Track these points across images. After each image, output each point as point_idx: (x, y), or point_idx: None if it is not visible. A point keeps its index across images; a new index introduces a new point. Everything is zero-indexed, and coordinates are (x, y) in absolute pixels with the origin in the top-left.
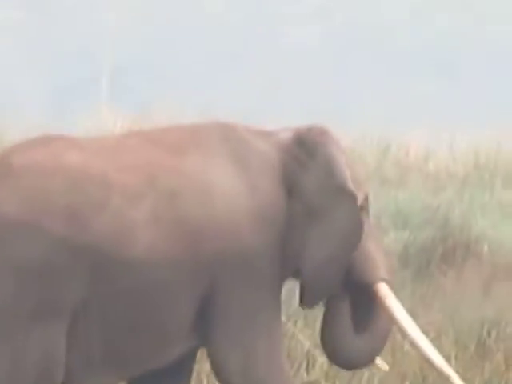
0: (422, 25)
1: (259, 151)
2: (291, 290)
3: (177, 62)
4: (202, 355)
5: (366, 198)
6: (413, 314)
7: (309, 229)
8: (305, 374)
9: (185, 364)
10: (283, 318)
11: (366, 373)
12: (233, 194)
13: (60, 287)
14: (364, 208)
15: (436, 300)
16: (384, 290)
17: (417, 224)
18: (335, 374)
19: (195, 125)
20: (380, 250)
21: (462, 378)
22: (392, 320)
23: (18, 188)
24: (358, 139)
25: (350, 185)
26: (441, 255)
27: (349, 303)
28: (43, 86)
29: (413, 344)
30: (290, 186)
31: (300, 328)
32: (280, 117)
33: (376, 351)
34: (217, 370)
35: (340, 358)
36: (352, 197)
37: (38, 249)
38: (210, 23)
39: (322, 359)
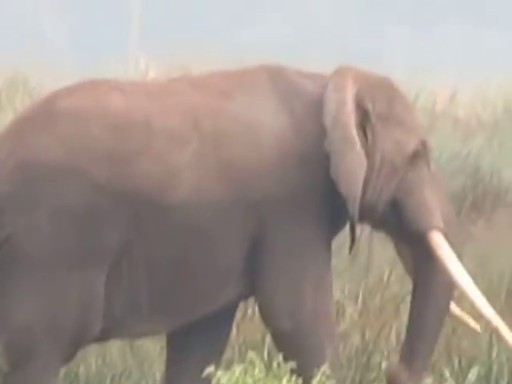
0: None
1: (307, 93)
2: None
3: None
4: None
5: (423, 144)
6: None
7: None
8: None
9: (226, 316)
10: None
11: (394, 323)
12: (280, 136)
13: (102, 233)
14: (419, 154)
15: (466, 248)
16: (437, 239)
17: (446, 172)
18: (364, 323)
19: (242, 69)
20: (438, 198)
21: None
22: (445, 270)
23: (60, 134)
24: None
25: None
26: (471, 203)
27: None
28: (71, 33)
29: (464, 295)
30: None
31: None
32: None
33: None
34: (264, 311)
35: None
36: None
37: (80, 195)
38: None
39: (351, 309)
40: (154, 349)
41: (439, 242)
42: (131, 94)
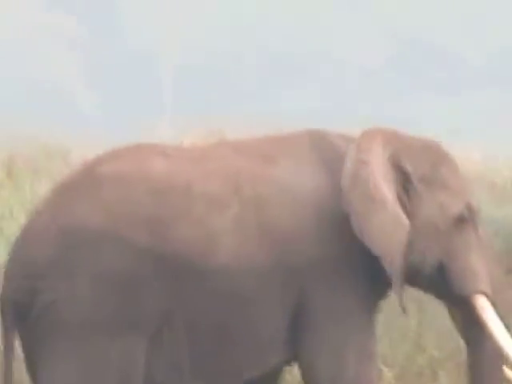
0: (486, 39)
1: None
2: None
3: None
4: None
5: (469, 208)
6: None
7: None
8: None
9: (269, 381)
10: None
11: None
12: (319, 201)
13: (142, 299)
14: (464, 218)
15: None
16: (482, 303)
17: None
18: None
19: (284, 133)
20: (485, 263)
21: None
22: (489, 335)
23: (101, 200)
24: None
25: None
26: (507, 268)
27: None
28: (105, 103)
29: (507, 361)
30: None
31: None
32: None
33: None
34: (306, 378)
35: None
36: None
37: (120, 261)
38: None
39: (389, 374)
40: None
41: (484, 307)
42: (174, 158)
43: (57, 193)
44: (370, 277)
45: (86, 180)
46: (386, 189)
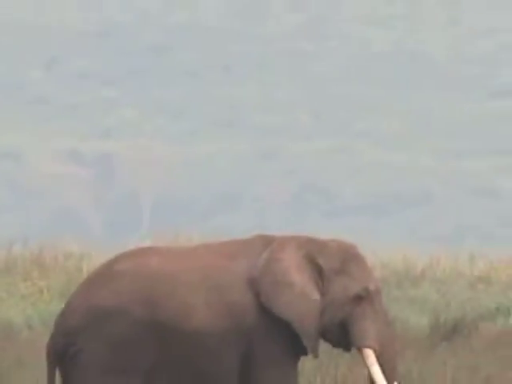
0: None
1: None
2: None
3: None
4: None
5: (365, 289)
6: None
7: None
8: None
9: None
10: None
11: None
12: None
13: (138, 354)
14: (361, 296)
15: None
16: (368, 354)
17: None
18: None
19: (245, 238)
20: (377, 327)
21: None
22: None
23: (114, 288)
24: None
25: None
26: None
27: None
28: (104, 220)
29: None
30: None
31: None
32: None
33: None
34: None
35: None
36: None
37: (125, 329)
38: None
39: None
40: None
41: (370, 357)
42: (165, 256)
43: (86, 282)
44: (290, 338)
45: (105, 275)
46: (298, 276)
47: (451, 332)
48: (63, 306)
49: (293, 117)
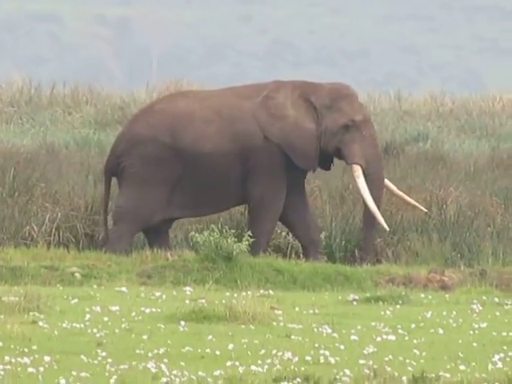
0: None
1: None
2: None
3: None
4: None
5: (352, 120)
6: None
7: None
8: None
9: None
10: None
11: None
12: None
13: (166, 169)
14: (349, 126)
15: None
16: (356, 170)
17: None
18: None
19: (262, 82)
20: (362, 148)
21: None
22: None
23: (150, 121)
24: None
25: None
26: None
27: None
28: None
29: (369, 208)
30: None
31: None
32: None
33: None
34: (253, 209)
35: None
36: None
37: (155, 150)
38: None
39: None
40: None
41: (358, 174)
42: (192, 98)
43: (134, 116)
44: (286, 160)
45: (146, 111)
46: (292, 111)
47: (384, 152)
48: (93, 132)
49: None
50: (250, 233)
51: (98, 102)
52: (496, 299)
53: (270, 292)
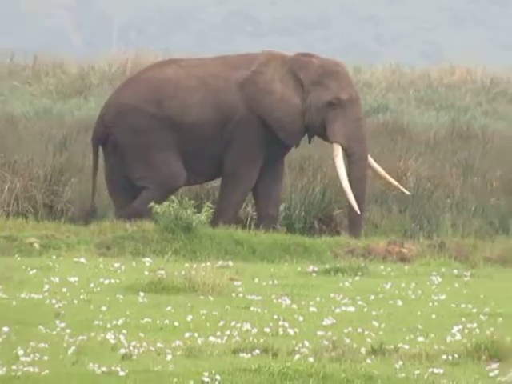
0: None
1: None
2: None
3: None
4: None
5: (337, 98)
6: None
7: None
8: None
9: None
10: None
11: None
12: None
13: (153, 138)
14: (333, 103)
15: None
16: (336, 149)
17: None
18: None
19: (255, 53)
20: (345, 126)
21: None
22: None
23: (137, 90)
24: None
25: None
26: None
27: None
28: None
29: (343, 188)
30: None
31: None
32: None
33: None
34: (227, 179)
35: None
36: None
37: (141, 120)
38: None
39: None
40: None
41: (337, 152)
42: (181, 66)
43: (121, 84)
44: (267, 133)
45: (133, 79)
46: (280, 86)
47: None
48: (52, 102)
49: None
50: (209, 203)
51: (57, 72)
52: (455, 271)
53: (230, 263)
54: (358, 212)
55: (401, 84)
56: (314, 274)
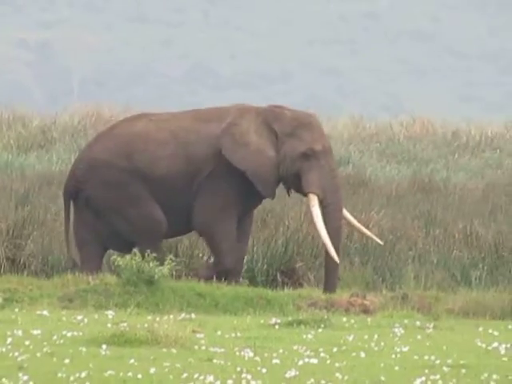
0: None
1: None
2: None
3: None
4: None
5: (311, 149)
6: None
7: None
8: None
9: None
10: None
11: None
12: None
13: (125, 192)
14: (307, 154)
15: None
16: (312, 199)
17: None
18: None
19: (225, 106)
20: (320, 178)
21: None
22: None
23: (107, 145)
24: None
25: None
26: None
27: None
28: None
29: (321, 238)
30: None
31: None
32: None
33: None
34: (199, 228)
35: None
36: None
37: (112, 174)
38: None
39: None
40: None
41: (313, 203)
42: (151, 120)
43: (93, 139)
44: (242, 185)
45: (105, 134)
46: (255, 137)
47: None
48: (12, 155)
49: (187, 15)
50: (171, 256)
51: (18, 126)
52: (418, 323)
53: (192, 316)
54: (338, 261)
55: (363, 137)
56: (276, 327)
